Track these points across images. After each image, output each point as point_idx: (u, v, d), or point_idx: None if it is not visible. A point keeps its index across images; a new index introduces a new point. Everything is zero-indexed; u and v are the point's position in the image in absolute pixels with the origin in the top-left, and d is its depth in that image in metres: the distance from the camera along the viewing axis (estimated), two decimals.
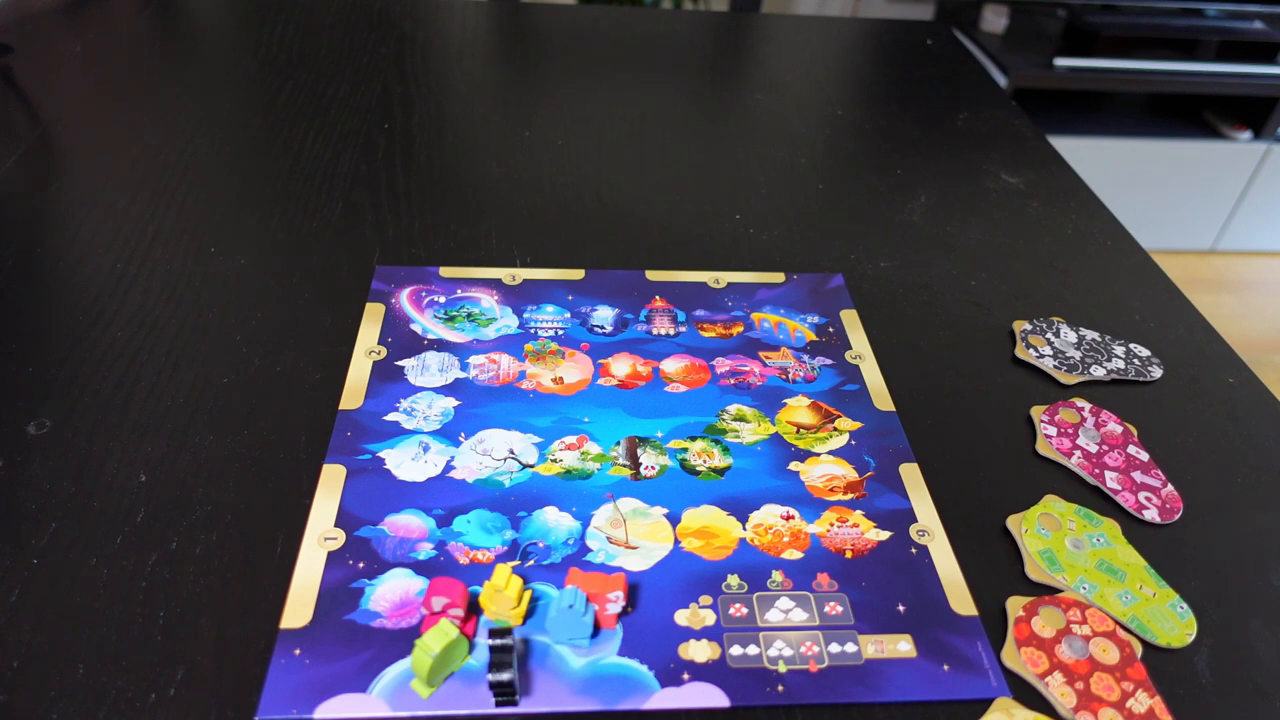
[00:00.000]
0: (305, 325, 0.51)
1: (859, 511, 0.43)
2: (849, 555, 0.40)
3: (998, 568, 0.41)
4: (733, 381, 0.49)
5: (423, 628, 0.35)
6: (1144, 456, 0.46)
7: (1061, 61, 1.70)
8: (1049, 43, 1.77)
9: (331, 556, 0.38)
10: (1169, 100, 1.89)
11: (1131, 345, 0.54)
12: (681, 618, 0.37)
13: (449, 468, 0.43)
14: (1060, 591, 0.40)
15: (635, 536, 0.40)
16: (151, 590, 0.36)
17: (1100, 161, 1.75)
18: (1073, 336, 0.54)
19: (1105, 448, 0.47)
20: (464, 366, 0.48)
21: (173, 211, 0.60)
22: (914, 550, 0.41)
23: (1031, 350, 0.53)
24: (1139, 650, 0.37)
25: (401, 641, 0.35)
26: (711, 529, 0.41)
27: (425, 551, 0.39)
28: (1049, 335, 0.54)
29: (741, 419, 0.47)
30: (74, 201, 0.60)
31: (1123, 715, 0.35)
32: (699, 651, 0.36)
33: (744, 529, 0.41)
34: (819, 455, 0.45)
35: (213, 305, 0.52)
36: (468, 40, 0.89)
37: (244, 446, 0.43)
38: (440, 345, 0.50)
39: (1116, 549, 0.41)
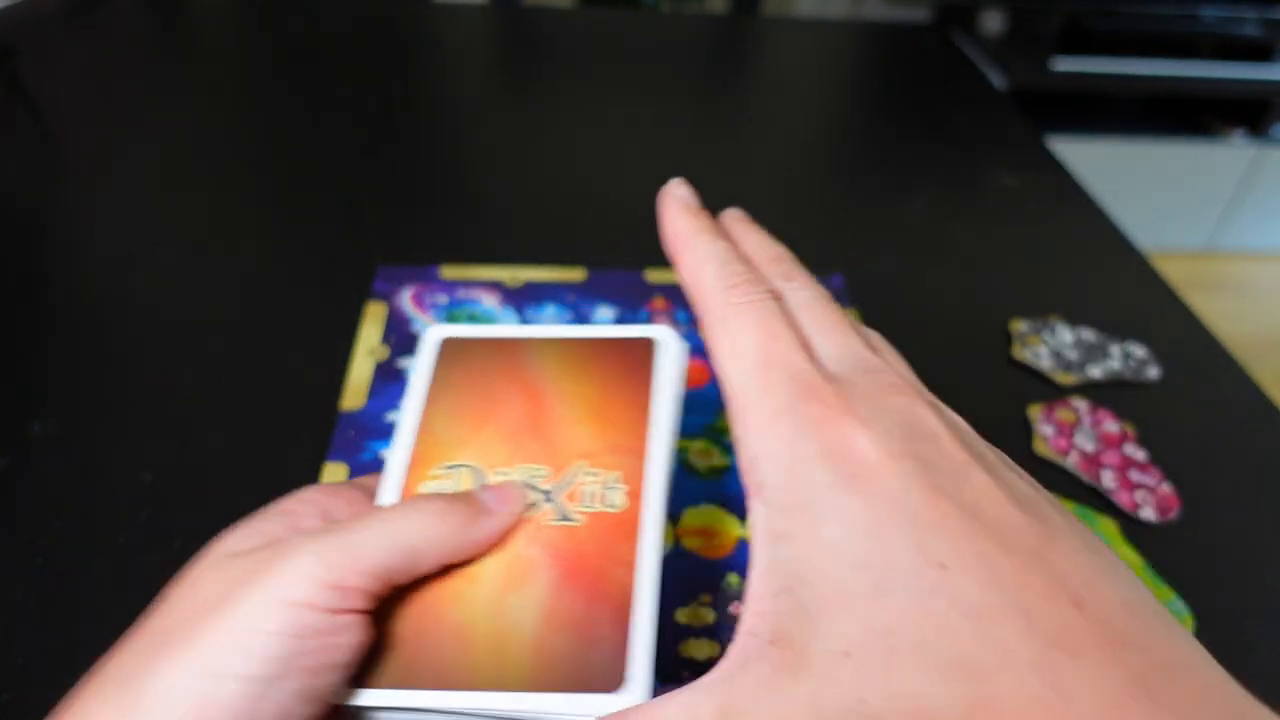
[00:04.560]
0: (307, 325, 0.51)
1: None
2: None
3: None
4: None
5: None
6: (1141, 456, 0.47)
7: (1059, 64, 1.71)
8: (1047, 44, 1.78)
9: None
10: (1166, 101, 1.90)
11: (1128, 345, 0.54)
12: (682, 616, 0.37)
13: None
14: None
15: None
16: (156, 589, 0.37)
17: (1097, 162, 1.76)
18: (1070, 337, 0.55)
19: (1102, 447, 0.47)
20: None
21: (176, 212, 0.60)
22: None
23: (1028, 350, 0.53)
24: None
25: None
26: (712, 528, 0.41)
27: None
28: (1046, 335, 0.54)
29: None
30: (78, 202, 0.60)
31: None
32: (699, 649, 0.36)
33: (744, 528, 0.41)
34: None
35: (216, 305, 0.52)
36: (469, 42, 0.90)
37: (247, 446, 0.43)
38: None
39: (1114, 548, 0.42)
